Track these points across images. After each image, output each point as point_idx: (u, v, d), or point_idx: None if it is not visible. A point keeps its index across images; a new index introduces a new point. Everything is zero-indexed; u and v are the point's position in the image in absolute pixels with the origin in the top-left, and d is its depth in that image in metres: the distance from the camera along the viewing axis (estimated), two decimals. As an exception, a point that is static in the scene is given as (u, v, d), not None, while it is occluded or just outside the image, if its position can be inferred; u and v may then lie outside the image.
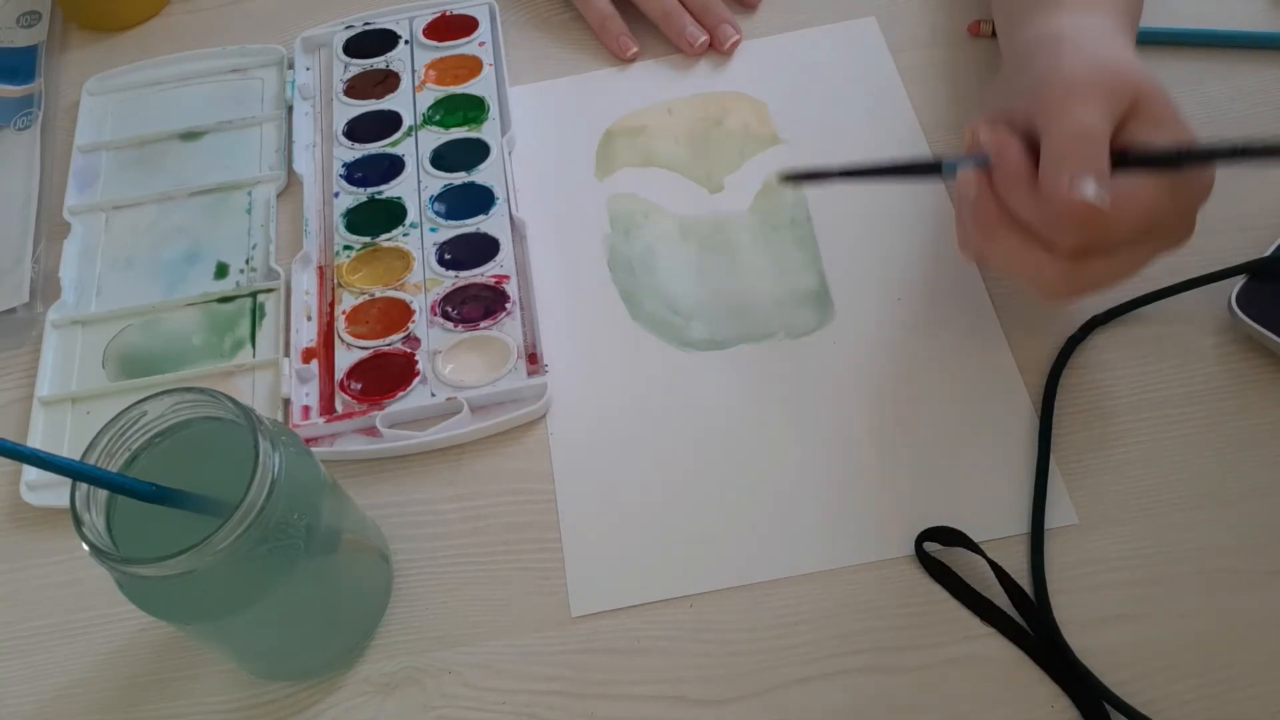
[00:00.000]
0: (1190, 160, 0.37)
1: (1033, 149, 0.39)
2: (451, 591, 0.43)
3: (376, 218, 0.53)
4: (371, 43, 0.59)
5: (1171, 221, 0.39)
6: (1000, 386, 0.46)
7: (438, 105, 0.56)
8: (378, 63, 0.59)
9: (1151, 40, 0.54)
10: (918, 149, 0.53)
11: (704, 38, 0.58)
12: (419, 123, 0.56)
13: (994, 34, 0.56)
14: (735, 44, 0.58)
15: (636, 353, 0.49)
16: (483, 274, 0.50)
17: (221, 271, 0.53)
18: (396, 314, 0.50)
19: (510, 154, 0.55)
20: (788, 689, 0.40)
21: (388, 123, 0.56)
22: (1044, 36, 0.42)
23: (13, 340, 0.52)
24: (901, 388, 0.46)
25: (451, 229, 0.52)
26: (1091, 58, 0.40)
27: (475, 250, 0.51)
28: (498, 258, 0.51)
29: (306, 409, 0.48)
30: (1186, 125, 0.39)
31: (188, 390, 0.35)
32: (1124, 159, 0.38)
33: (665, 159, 0.55)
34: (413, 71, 0.58)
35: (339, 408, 0.47)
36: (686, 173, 0.54)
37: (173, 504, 0.34)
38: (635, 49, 0.58)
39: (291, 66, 0.59)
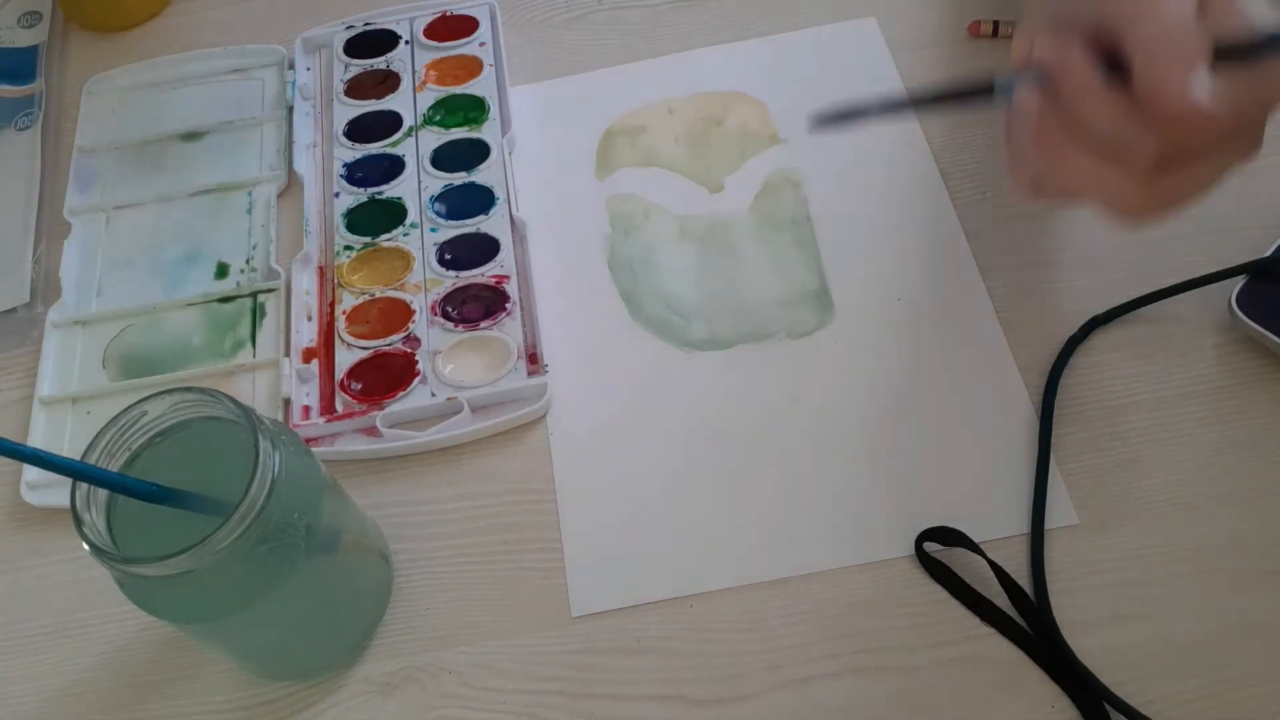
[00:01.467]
0: (1271, 47, 0.33)
1: (1100, 54, 0.35)
2: (451, 591, 0.43)
3: (377, 218, 0.53)
4: (372, 43, 0.59)
5: (1248, 127, 0.35)
6: (1000, 386, 0.46)
7: (438, 105, 0.56)
8: (378, 63, 0.59)
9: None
10: (918, 149, 0.53)
11: None
12: (419, 123, 0.56)
13: (995, 34, 0.56)
14: None
15: (636, 353, 0.49)
16: (483, 274, 0.50)
17: (222, 272, 0.53)
18: (397, 314, 0.50)
19: (510, 154, 0.55)
20: (788, 689, 0.40)
21: (388, 123, 0.56)
22: None
23: (13, 340, 0.52)
24: (901, 388, 0.46)
25: (452, 229, 0.52)
26: None
27: (475, 250, 0.51)
28: (498, 258, 0.51)
29: (307, 409, 0.48)
30: (1247, 15, 0.34)
31: (188, 390, 0.35)
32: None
33: (665, 159, 0.55)
34: (413, 72, 0.58)
35: (339, 408, 0.47)
36: (686, 173, 0.54)
37: (173, 504, 0.34)
38: None
39: (292, 67, 0.59)
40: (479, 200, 0.53)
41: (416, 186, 0.54)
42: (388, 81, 0.58)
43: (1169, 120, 0.33)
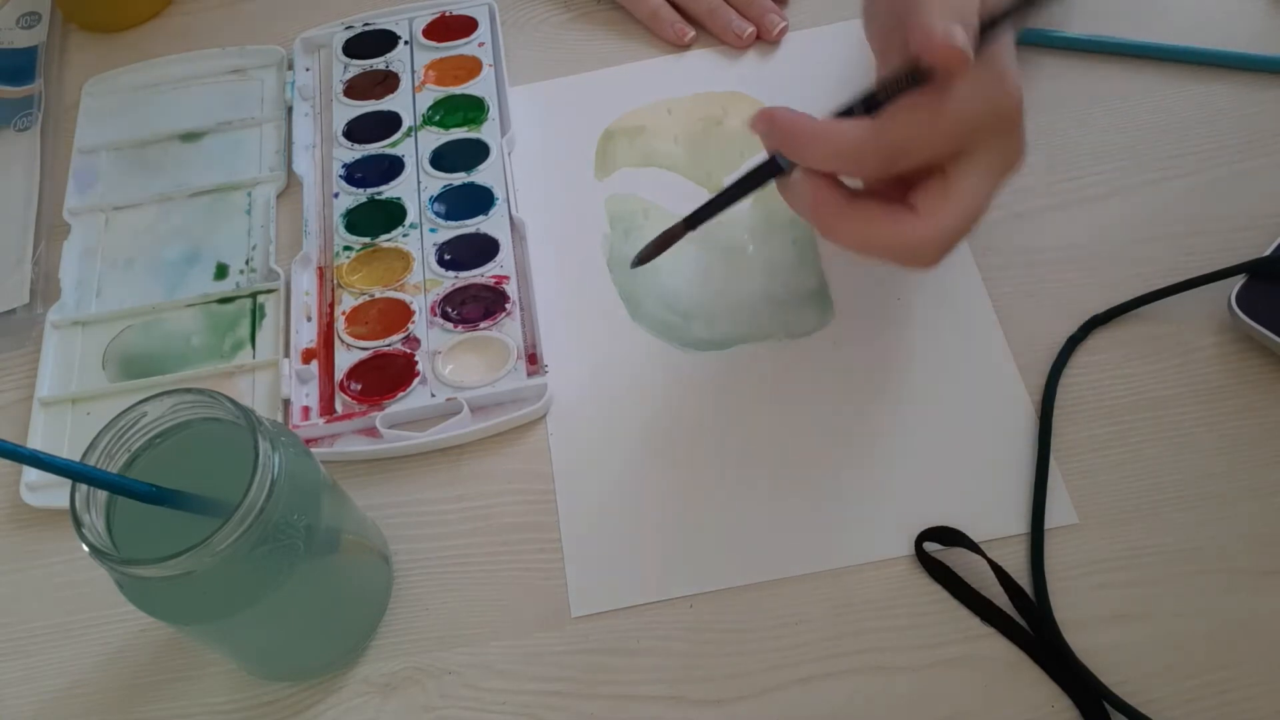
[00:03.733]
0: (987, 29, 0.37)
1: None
2: (451, 592, 0.43)
3: (376, 218, 0.53)
4: (371, 43, 0.59)
5: (987, 135, 0.38)
6: (1000, 386, 0.46)
7: (437, 106, 0.56)
8: (377, 63, 0.59)
9: (1159, 56, 0.54)
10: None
11: (750, 29, 0.58)
12: (419, 123, 0.56)
13: None
14: (783, 31, 0.58)
15: (636, 353, 0.49)
16: (482, 274, 0.50)
17: (221, 272, 0.53)
18: (396, 314, 0.50)
19: (510, 154, 0.55)
20: (788, 689, 0.40)
21: (387, 123, 0.56)
22: None
23: (13, 341, 0.52)
24: (901, 388, 0.46)
25: (451, 229, 0.52)
26: None
27: (475, 251, 0.51)
28: (497, 258, 0.51)
29: (306, 409, 0.48)
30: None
31: (187, 391, 0.35)
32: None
33: (665, 159, 0.55)
34: (412, 72, 0.58)
35: (339, 408, 0.47)
36: (686, 173, 0.54)
37: (172, 505, 0.34)
38: (692, 34, 0.58)
39: (291, 67, 0.59)
40: (478, 200, 0.53)
41: (416, 187, 0.54)
42: (387, 82, 0.58)
43: (936, 62, 0.36)
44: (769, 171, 0.41)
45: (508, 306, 0.49)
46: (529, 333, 0.49)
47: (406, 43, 0.59)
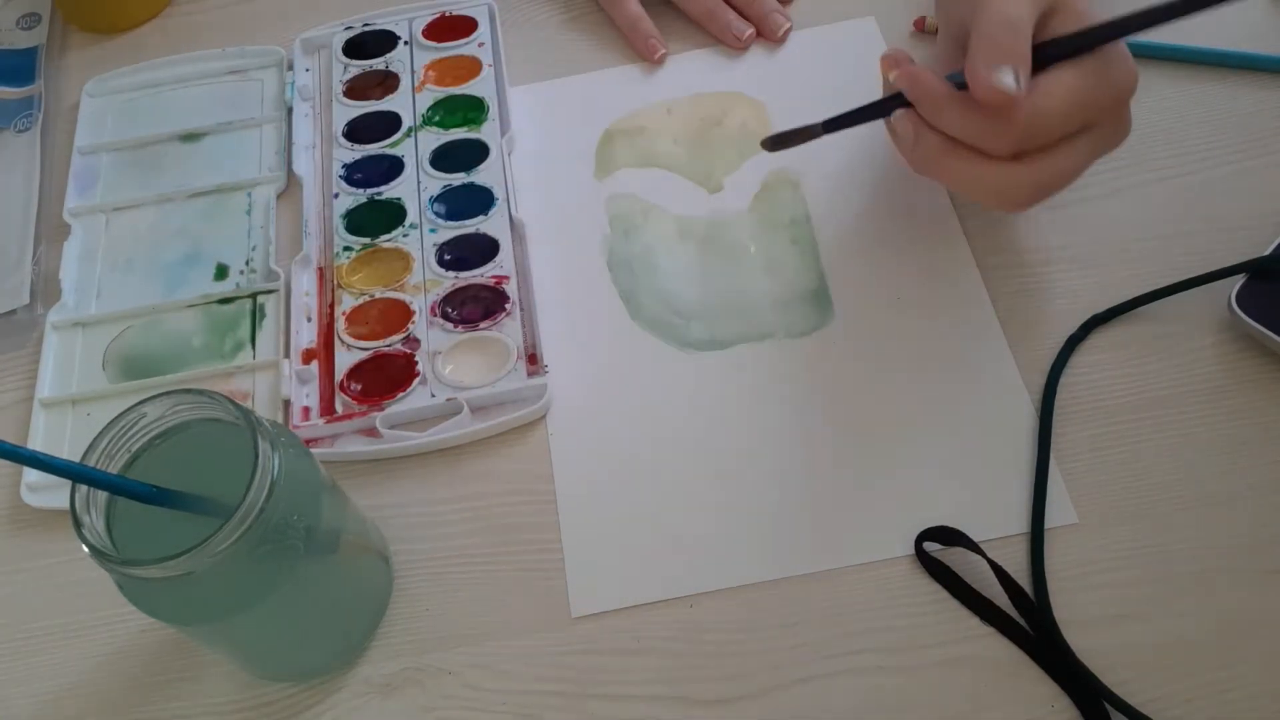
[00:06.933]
0: (1099, 37, 0.40)
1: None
2: (451, 592, 0.43)
3: (376, 219, 0.53)
4: (371, 44, 0.59)
5: (1103, 115, 0.41)
6: (1000, 386, 0.46)
7: (437, 106, 0.56)
8: (377, 64, 0.59)
9: (1159, 55, 0.54)
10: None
11: (750, 31, 0.57)
12: (418, 123, 0.56)
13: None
14: (787, 32, 0.58)
15: (636, 353, 0.49)
16: (482, 275, 0.50)
17: (221, 273, 0.53)
18: (396, 315, 0.50)
19: (510, 154, 0.55)
20: (788, 689, 0.40)
21: (387, 124, 0.56)
22: None
23: (13, 342, 0.52)
24: (901, 388, 0.46)
25: (451, 230, 0.52)
26: None
27: (475, 251, 0.51)
28: (497, 258, 0.51)
29: (306, 410, 0.48)
30: (1086, 16, 0.41)
31: (187, 392, 0.35)
32: (1044, 53, 0.40)
33: (664, 159, 0.55)
34: (412, 72, 0.58)
35: (339, 409, 0.47)
36: (686, 173, 0.54)
37: (172, 506, 0.34)
38: (664, 51, 0.58)
39: (291, 68, 0.59)
40: (478, 201, 0.53)
41: (416, 187, 0.54)
42: (387, 82, 0.58)
43: (988, 110, 0.39)
44: (894, 105, 0.44)
45: (508, 307, 0.49)
46: (529, 333, 0.49)
47: (406, 43, 0.59)
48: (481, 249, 0.51)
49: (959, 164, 0.41)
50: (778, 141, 0.46)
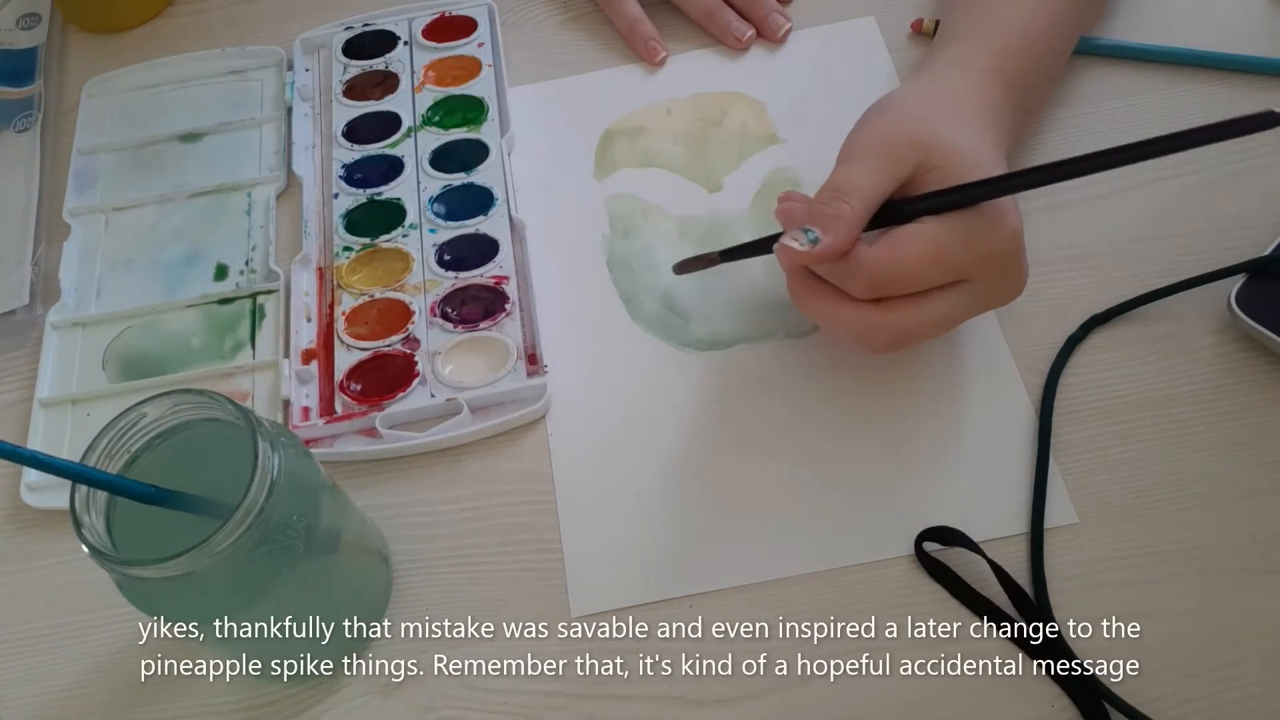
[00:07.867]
0: (954, 199, 0.40)
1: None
2: (451, 592, 0.43)
3: (376, 219, 0.53)
4: (371, 44, 0.59)
5: (975, 269, 0.40)
6: (1000, 386, 0.46)
7: (437, 106, 0.56)
8: (377, 64, 0.59)
9: (1159, 59, 0.54)
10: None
11: (750, 32, 0.57)
12: (418, 124, 0.56)
13: (935, 33, 0.56)
14: (787, 32, 0.58)
15: (636, 353, 0.49)
16: (482, 275, 0.50)
17: (221, 273, 0.53)
18: (396, 315, 0.50)
19: (509, 155, 0.55)
20: (788, 689, 0.40)
21: (387, 124, 0.56)
22: (891, 95, 0.45)
23: (13, 342, 0.52)
24: (901, 387, 0.46)
25: (451, 230, 0.52)
26: (898, 117, 0.43)
27: (475, 251, 0.51)
28: (497, 258, 0.51)
29: (306, 410, 0.48)
30: (956, 176, 0.41)
31: (187, 392, 0.35)
32: (900, 210, 0.40)
33: (664, 159, 0.55)
34: (412, 72, 0.58)
35: (339, 409, 0.47)
36: (685, 173, 0.54)
37: (172, 506, 0.34)
38: (664, 54, 0.58)
39: (291, 68, 0.59)
40: (478, 201, 0.53)
41: (415, 187, 0.54)
42: (386, 82, 0.58)
43: (780, 260, 0.40)
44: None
45: (507, 307, 0.49)
46: (529, 333, 0.49)
47: (406, 43, 0.59)
48: (481, 249, 0.51)
49: (821, 302, 0.42)
50: (683, 266, 0.47)
